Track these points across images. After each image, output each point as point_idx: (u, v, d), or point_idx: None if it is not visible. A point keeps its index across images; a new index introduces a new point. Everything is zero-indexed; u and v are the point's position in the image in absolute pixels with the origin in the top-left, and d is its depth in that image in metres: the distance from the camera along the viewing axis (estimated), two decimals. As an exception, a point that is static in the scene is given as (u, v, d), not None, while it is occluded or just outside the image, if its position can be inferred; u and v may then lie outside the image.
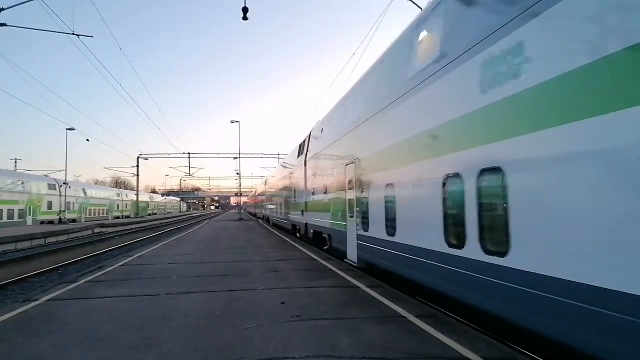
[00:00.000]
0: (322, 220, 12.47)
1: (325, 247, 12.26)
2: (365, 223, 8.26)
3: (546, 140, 3.51)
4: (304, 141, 16.36)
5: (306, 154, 15.52)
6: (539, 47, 3.75)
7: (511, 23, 4.04)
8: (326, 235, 12.12)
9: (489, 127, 4.34)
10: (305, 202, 15.31)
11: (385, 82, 7.81)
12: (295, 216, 17.94)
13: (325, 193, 12.12)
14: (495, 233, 4.14)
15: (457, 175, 4.83)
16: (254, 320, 5.00)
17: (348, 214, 9.52)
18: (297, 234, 17.80)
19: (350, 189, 9.40)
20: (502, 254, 3.92)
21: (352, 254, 9.21)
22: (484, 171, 4.29)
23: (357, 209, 8.83)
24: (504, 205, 3.92)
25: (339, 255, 10.35)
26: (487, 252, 4.20)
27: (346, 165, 9.69)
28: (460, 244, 4.70)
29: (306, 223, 15.12)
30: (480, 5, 5.00)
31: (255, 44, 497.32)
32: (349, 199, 9.46)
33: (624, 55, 2.91)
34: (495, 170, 4.09)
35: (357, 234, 8.75)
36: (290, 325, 4.83)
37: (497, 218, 4.14)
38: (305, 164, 15.49)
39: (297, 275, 8.29)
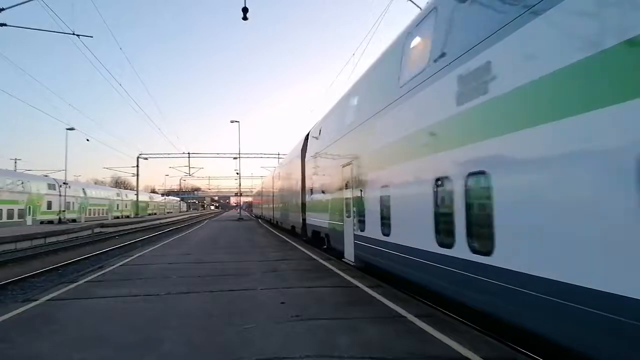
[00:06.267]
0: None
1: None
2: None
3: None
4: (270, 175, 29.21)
5: (273, 182, 27.10)
6: None
7: None
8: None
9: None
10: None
11: None
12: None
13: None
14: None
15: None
16: (254, 320, 5.00)
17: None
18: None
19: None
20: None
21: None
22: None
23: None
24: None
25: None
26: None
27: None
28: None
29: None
30: None
31: (255, 44, 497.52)
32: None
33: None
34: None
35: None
36: (290, 325, 4.84)
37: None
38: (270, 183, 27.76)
39: (297, 275, 8.29)
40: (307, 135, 15.60)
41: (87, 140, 50.24)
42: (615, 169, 2.79)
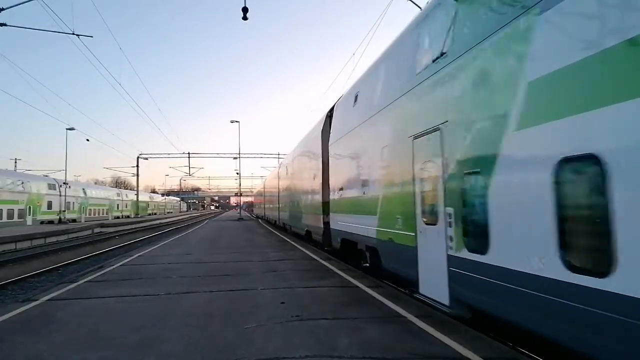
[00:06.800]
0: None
1: None
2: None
3: None
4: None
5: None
6: None
7: None
8: None
9: None
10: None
11: None
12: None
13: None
14: None
15: None
16: (254, 320, 5.00)
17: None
18: None
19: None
20: None
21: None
22: None
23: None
24: None
25: None
26: None
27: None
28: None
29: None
30: None
31: (255, 45, 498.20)
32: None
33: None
34: None
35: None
36: (290, 325, 4.84)
37: None
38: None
39: (297, 275, 8.29)
40: (330, 112, 12.29)
41: (87, 140, 50.51)
42: None
